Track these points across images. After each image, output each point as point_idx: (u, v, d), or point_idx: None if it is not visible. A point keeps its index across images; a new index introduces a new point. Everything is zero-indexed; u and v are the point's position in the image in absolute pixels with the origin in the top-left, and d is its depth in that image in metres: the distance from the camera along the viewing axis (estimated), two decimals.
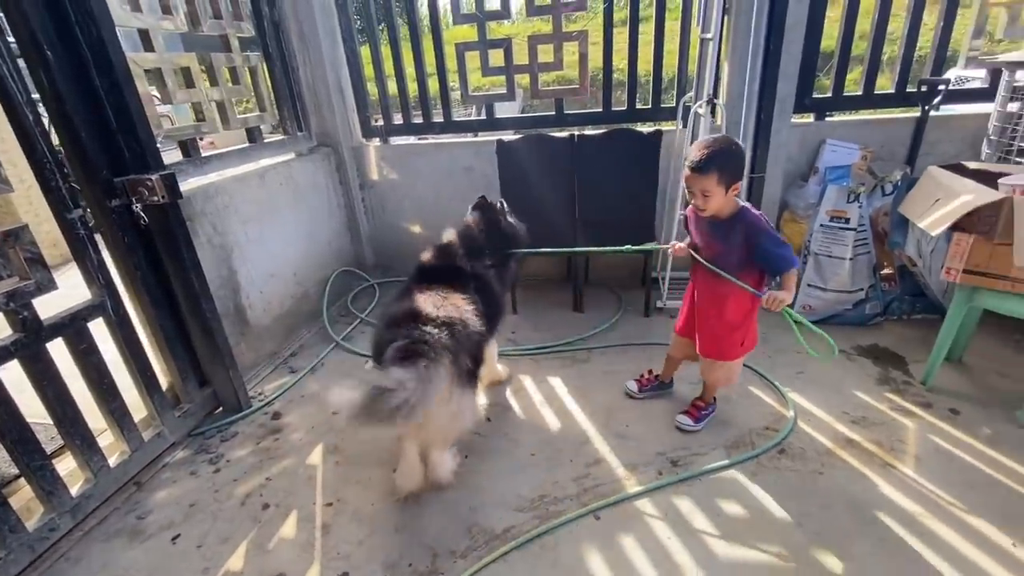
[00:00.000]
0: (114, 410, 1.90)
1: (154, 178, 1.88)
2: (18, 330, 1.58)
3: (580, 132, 2.84)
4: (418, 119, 3.37)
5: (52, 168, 1.66)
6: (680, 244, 1.93)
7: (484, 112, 3.36)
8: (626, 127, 2.87)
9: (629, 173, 2.77)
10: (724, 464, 1.86)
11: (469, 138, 3.45)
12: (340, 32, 3.18)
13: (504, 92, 3.16)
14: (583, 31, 2.95)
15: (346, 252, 3.51)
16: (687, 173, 1.68)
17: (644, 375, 2.28)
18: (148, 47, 2.15)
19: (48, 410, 1.69)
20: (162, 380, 2.15)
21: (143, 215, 1.96)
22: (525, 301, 3.13)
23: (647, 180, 2.79)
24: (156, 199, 1.91)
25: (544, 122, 3.26)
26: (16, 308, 1.55)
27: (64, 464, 1.90)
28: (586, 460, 1.94)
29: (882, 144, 2.84)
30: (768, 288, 1.74)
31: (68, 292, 1.77)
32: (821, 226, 2.63)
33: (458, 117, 3.51)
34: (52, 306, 1.68)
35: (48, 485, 1.68)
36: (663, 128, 2.92)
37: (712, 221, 1.77)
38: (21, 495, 1.86)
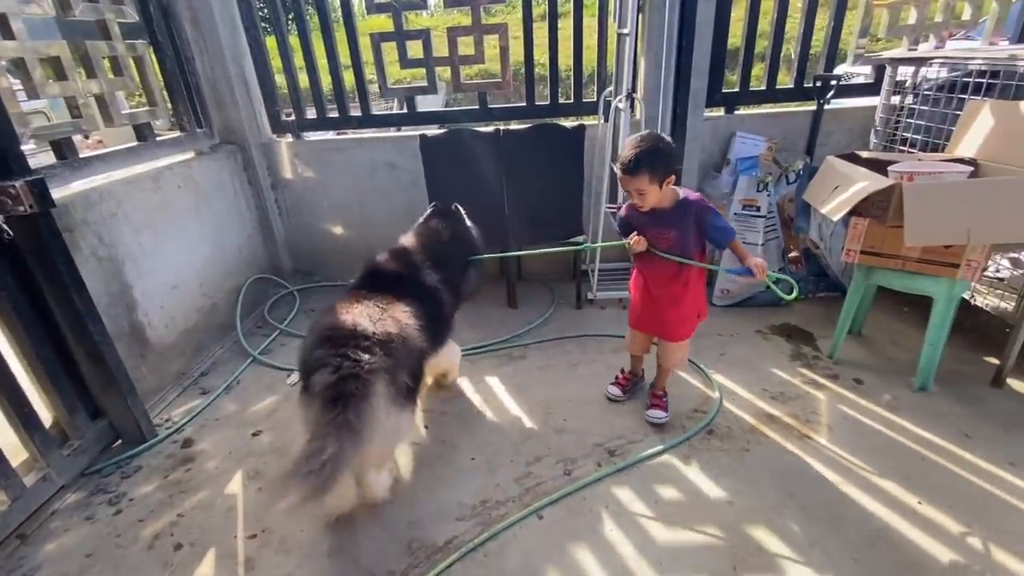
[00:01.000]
0: None
1: (18, 185, 1.61)
2: None
3: (506, 127, 2.80)
4: (334, 113, 3.18)
5: None
6: (638, 237, 1.85)
7: (405, 106, 3.23)
8: (550, 122, 2.86)
9: (555, 168, 2.77)
10: (658, 450, 1.90)
11: (391, 133, 3.31)
12: (241, 20, 2.92)
13: (425, 85, 3.05)
14: (503, 24, 2.90)
15: (260, 258, 3.26)
16: (620, 175, 1.69)
17: (620, 377, 2.24)
18: (8, 35, 1.84)
19: None
20: (45, 416, 1.87)
21: (6, 228, 1.69)
22: None
23: (573, 174, 2.81)
24: (22, 209, 1.64)
25: (468, 116, 3.19)
26: None
27: None
28: (527, 459, 1.92)
29: (784, 136, 3.03)
30: (713, 260, 1.80)
31: None
32: (735, 214, 2.77)
33: (378, 111, 3.35)
34: None
35: None
36: (586, 123, 2.95)
37: (659, 214, 1.78)
38: None
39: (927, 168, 1.92)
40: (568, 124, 2.83)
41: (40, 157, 2.23)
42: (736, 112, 3.11)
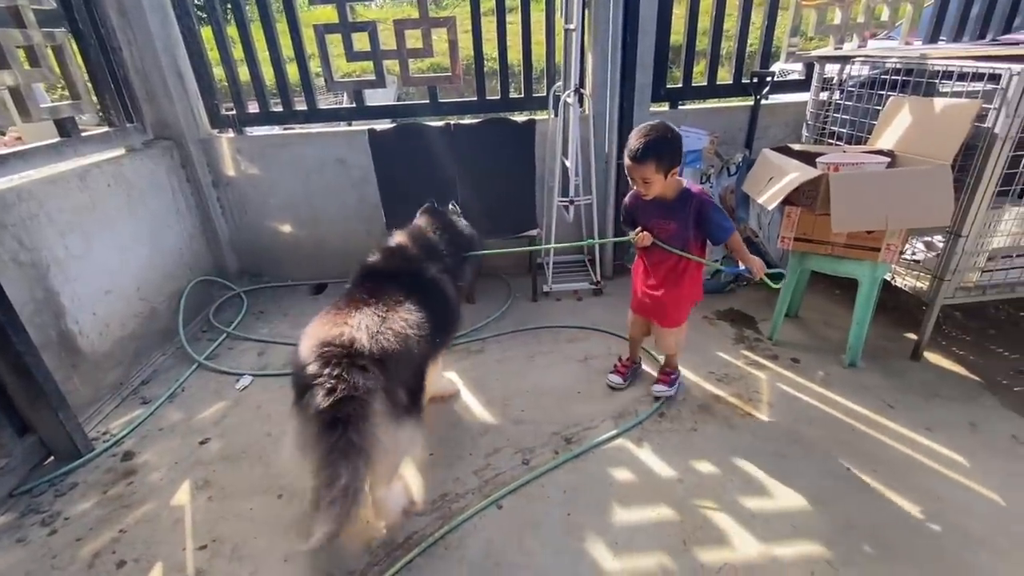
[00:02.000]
0: None
1: None
2: None
3: (457, 121, 2.79)
4: (277, 108, 3.07)
5: None
6: (643, 232, 1.88)
7: (353, 100, 3.15)
8: (501, 116, 2.88)
9: (507, 162, 2.79)
10: (613, 435, 1.97)
11: (341, 128, 3.23)
12: (172, 8, 2.76)
13: (373, 79, 2.99)
14: (451, 18, 2.88)
15: (203, 259, 3.11)
16: (627, 163, 1.72)
17: (619, 365, 2.26)
18: None
19: None
20: None
21: None
22: None
23: (525, 169, 2.84)
24: None
25: (418, 110, 3.15)
26: None
27: None
28: (486, 451, 1.94)
29: (725, 129, 3.17)
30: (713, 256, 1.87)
31: None
32: None
33: (327, 105, 3.26)
34: None
35: None
36: (537, 117, 2.98)
37: (661, 203, 1.83)
38: None
39: (850, 159, 2.06)
40: (519, 119, 2.85)
41: None
42: (680, 107, 3.22)
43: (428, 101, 3.07)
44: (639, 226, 1.93)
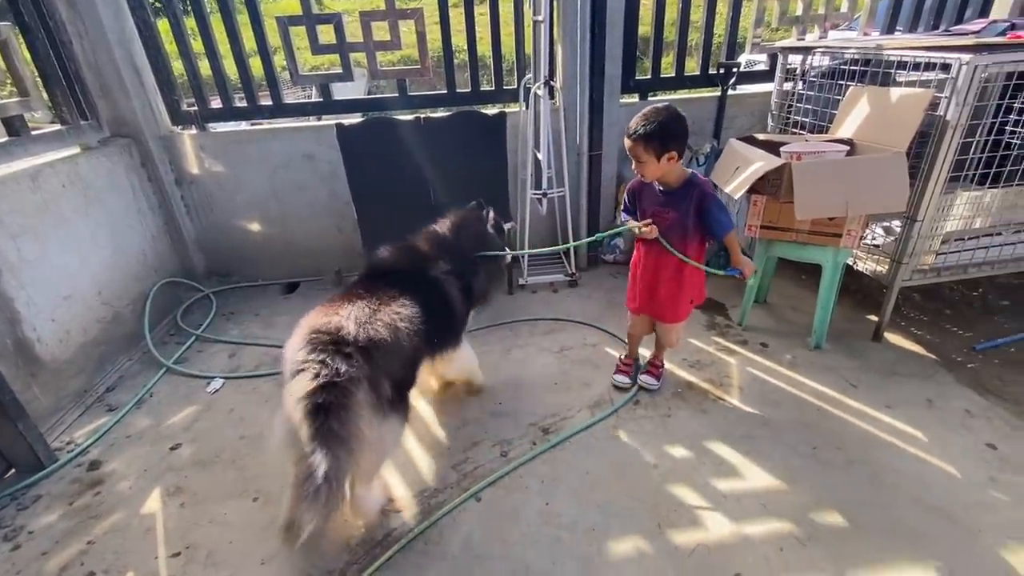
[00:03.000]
0: None
1: None
2: None
3: (427, 115, 2.76)
4: (242, 103, 2.99)
5: None
6: (651, 224, 1.83)
7: (321, 93, 3.08)
8: (471, 109, 2.86)
9: (479, 155, 2.78)
10: (589, 423, 1.99)
11: (309, 122, 3.16)
12: (125, 0, 2.65)
13: (340, 72, 2.94)
14: (418, 9, 2.84)
15: (168, 261, 3.02)
16: (625, 141, 1.75)
17: (620, 364, 2.24)
18: None
19: None
20: None
21: None
22: None
23: (497, 161, 2.83)
24: None
25: (388, 104, 3.11)
26: None
27: None
28: (463, 445, 1.95)
29: (694, 120, 3.16)
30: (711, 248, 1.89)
31: None
32: None
33: (296, 99, 3.19)
34: None
35: None
36: (508, 109, 2.97)
37: (665, 191, 1.83)
38: None
39: (812, 148, 2.12)
40: (490, 111, 2.84)
41: None
42: (649, 98, 3.25)
43: (397, 94, 3.03)
44: (640, 214, 1.89)
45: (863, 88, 2.29)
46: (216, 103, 3.01)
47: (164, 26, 2.85)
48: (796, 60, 2.78)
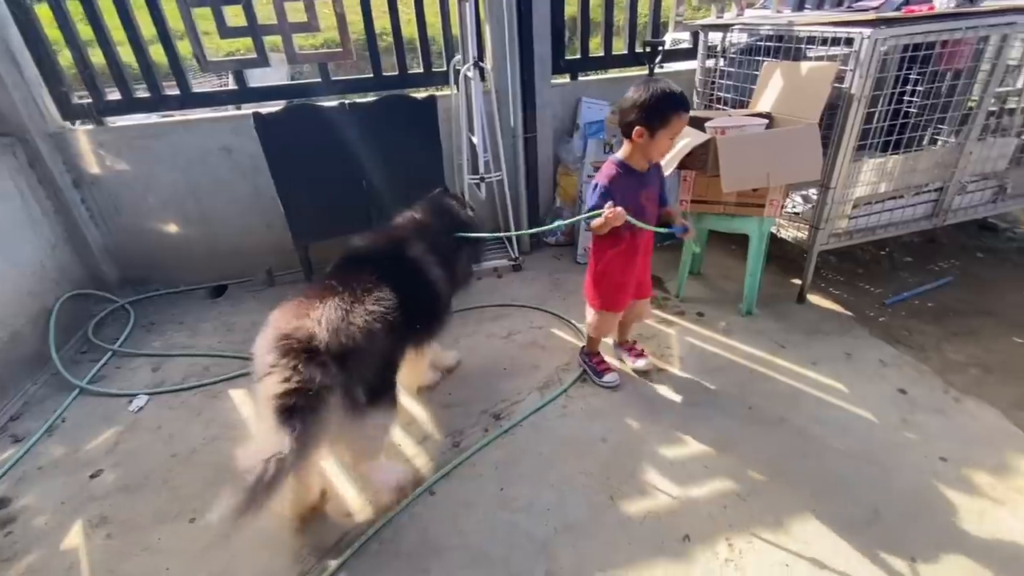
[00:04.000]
0: None
1: None
2: None
3: (352, 100, 2.64)
4: (144, 93, 2.73)
5: None
6: (616, 209, 1.67)
7: (235, 81, 2.87)
8: (399, 93, 2.75)
9: (410, 141, 2.68)
10: (539, 406, 2.01)
11: (226, 112, 2.94)
12: None
13: (255, 57, 2.74)
14: None
15: (73, 271, 2.74)
16: (684, 115, 1.68)
17: (631, 352, 2.18)
18: None
19: None
20: None
21: None
22: None
23: (430, 147, 2.75)
24: None
25: (310, 90, 2.94)
26: None
27: None
28: (415, 439, 1.91)
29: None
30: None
31: None
32: (588, 176, 2.94)
33: (211, 88, 2.95)
34: None
35: None
36: (439, 93, 2.89)
37: (642, 172, 1.79)
38: None
39: (734, 123, 2.20)
40: (419, 95, 2.75)
41: None
42: (580, 78, 3.26)
43: (319, 80, 2.86)
44: (622, 202, 1.70)
45: (775, 63, 2.40)
46: (115, 95, 2.73)
47: (43, 11, 2.54)
48: (716, 37, 2.87)
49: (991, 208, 2.73)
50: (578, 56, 3.18)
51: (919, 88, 2.42)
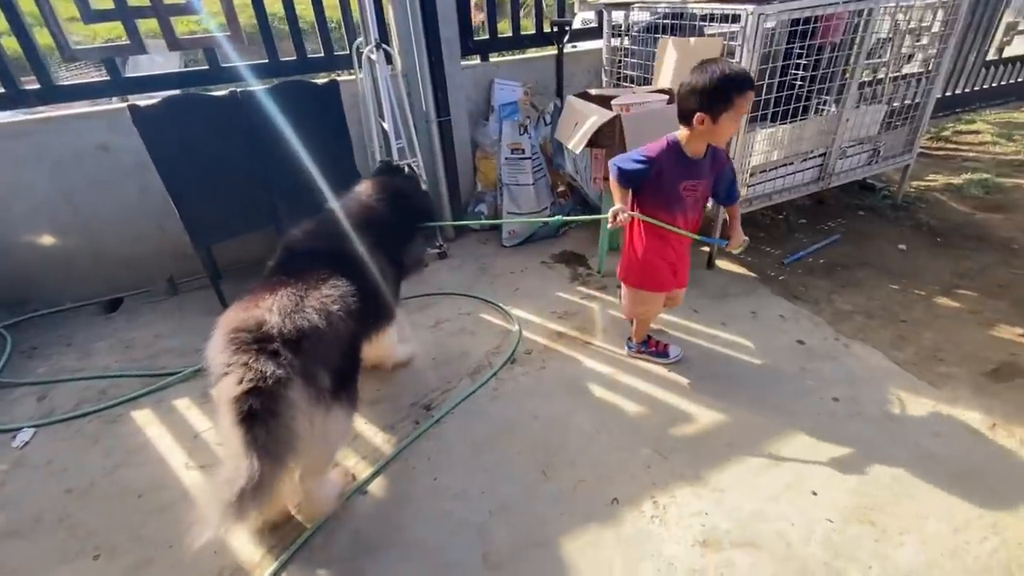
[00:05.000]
0: None
1: None
2: None
3: (245, 88, 2.45)
4: None
5: None
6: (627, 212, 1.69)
7: (108, 71, 2.57)
8: (297, 79, 2.59)
9: (314, 129, 2.53)
10: (470, 391, 2.01)
11: (103, 106, 2.63)
12: None
13: (127, 44, 2.46)
14: None
15: None
16: (747, 93, 1.54)
17: (658, 345, 2.12)
18: None
19: None
20: None
21: None
22: None
23: (336, 134, 2.63)
24: None
25: (198, 78, 2.70)
26: None
27: None
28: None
29: (537, 80, 3.27)
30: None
31: None
32: (506, 159, 2.94)
33: (87, 80, 2.62)
34: None
35: None
36: (343, 78, 2.75)
37: (694, 159, 1.69)
38: None
39: (638, 99, 2.27)
40: (319, 80, 2.60)
41: None
42: (491, 60, 3.23)
43: (207, 67, 2.64)
44: (659, 187, 1.70)
45: (668, 39, 2.49)
46: None
47: None
48: (620, 16, 2.93)
49: (868, 169, 3.02)
50: (487, 37, 3.14)
51: (803, 61, 2.61)
